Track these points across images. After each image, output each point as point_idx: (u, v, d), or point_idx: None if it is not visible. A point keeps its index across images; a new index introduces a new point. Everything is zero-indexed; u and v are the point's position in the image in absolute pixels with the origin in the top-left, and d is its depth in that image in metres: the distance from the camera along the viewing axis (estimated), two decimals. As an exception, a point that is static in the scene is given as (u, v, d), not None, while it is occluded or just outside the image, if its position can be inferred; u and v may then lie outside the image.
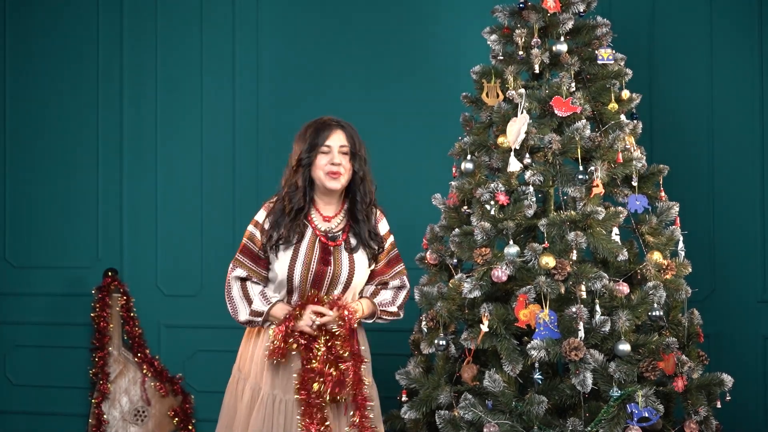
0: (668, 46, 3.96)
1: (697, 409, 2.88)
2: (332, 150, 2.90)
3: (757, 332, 3.85)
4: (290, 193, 2.91)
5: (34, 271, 4.53)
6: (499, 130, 3.14)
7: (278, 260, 2.90)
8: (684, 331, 3.05)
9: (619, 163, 3.07)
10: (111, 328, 4.32)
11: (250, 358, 2.96)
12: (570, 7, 3.23)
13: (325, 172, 2.89)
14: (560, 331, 2.84)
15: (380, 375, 3.42)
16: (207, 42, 4.41)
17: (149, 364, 4.32)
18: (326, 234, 2.91)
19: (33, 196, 4.55)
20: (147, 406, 4.31)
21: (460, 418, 2.92)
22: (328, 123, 2.95)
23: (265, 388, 2.88)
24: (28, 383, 4.52)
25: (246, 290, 2.93)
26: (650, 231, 3.10)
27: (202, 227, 4.36)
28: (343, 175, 2.90)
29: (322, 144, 2.89)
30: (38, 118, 4.55)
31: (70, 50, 4.52)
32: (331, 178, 2.89)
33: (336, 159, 2.89)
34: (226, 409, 2.99)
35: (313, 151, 2.89)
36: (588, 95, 3.19)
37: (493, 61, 3.29)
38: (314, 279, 2.89)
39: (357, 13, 4.25)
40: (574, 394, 2.87)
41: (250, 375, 2.94)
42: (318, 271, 2.88)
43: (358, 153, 2.94)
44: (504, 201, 2.99)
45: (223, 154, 4.37)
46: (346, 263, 2.91)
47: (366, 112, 4.20)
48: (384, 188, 4.12)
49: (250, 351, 2.96)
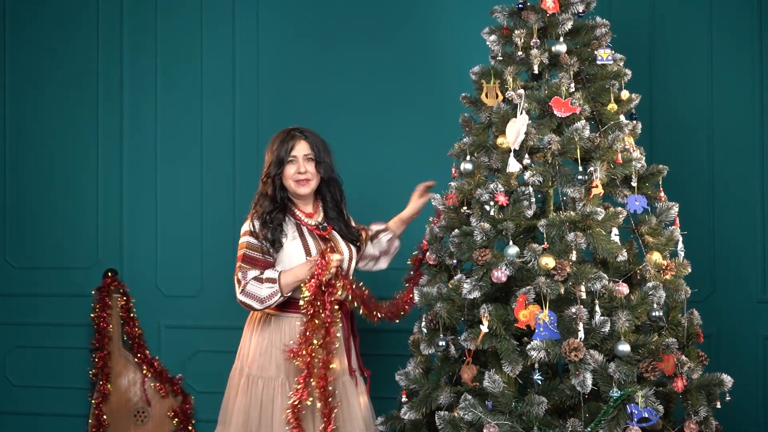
0: (668, 46, 3.96)
1: (697, 409, 2.88)
2: (297, 159, 3.21)
3: (757, 332, 3.85)
4: (260, 201, 3.21)
5: (34, 272, 4.53)
6: (498, 131, 3.14)
7: (291, 253, 3.15)
8: (684, 332, 3.04)
9: (618, 164, 3.06)
10: (111, 328, 4.32)
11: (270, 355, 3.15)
12: (569, 8, 3.23)
13: (294, 180, 3.20)
14: (560, 332, 2.84)
15: (380, 375, 3.43)
16: (207, 42, 4.41)
17: (149, 365, 4.32)
18: (316, 226, 3.23)
19: (33, 196, 4.55)
20: (147, 406, 4.31)
21: (459, 419, 2.92)
22: (291, 134, 3.25)
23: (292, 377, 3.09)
24: (28, 384, 4.52)
25: (258, 278, 3.13)
26: (650, 231, 3.10)
27: (202, 227, 4.37)
28: (310, 180, 3.22)
29: (287, 156, 3.20)
30: (38, 119, 4.56)
31: (70, 50, 4.52)
32: (299, 185, 3.21)
33: (302, 167, 3.20)
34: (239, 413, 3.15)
35: (281, 165, 3.20)
36: (587, 96, 3.19)
37: (492, 62, 3.29)
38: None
39: (356, 14, 4.25)
40: (573, 395, 2.86)
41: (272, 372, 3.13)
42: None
43: (322, 160, 3.24)
44: (503, 201, 2.99)
45: (223, 154, 4.37)
46: (344, 245, 3.26)
47: (366, 112, 4.21)
48: (384, 188, 4.15)
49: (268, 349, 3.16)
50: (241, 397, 3.15)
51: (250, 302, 3.11)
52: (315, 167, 3.22)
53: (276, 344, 3.15)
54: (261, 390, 3.13)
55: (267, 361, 3.15)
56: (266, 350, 3.16)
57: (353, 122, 4.21)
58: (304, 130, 3.26)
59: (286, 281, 3.09)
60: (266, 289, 3.10)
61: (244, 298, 3.12)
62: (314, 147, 3.23)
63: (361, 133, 4.20)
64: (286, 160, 3.19)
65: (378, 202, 4.14)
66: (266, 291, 3.10)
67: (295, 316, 3.14)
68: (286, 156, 3.19)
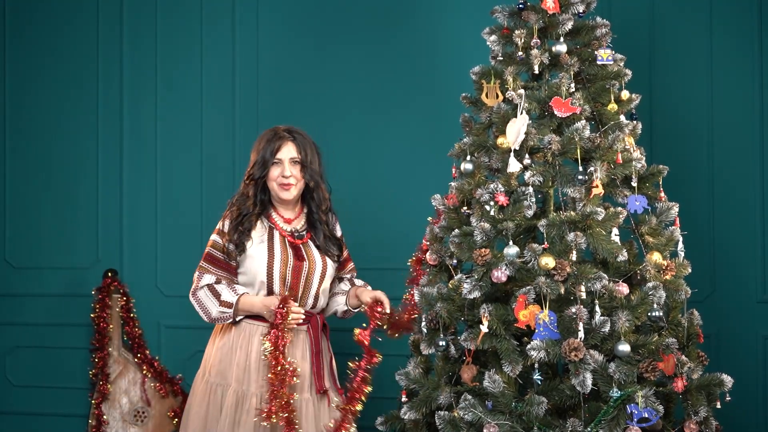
0: (668, 46, 3.96)
1: (697, 409, 2.88)
2: (283, 162, 3.05)
3: (757, 332, 3.85)
4: (240, 201, 3.07)
5: (34, 272, 4.53)
6: (498, 131, 3.14)
7: (253, 262, 3.02)
8: (684, 332, 3.04)
9: (618, 164, 3.06)
10: (111, 328, 4.32)
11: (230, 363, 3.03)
12: (569, 8, 3.23)
13: (278, 183, 3.05)
14: (560, 332, 2.84)
15: (380, 375, 3.42)
16: (207, 42, 4.41)
17: (149, 365, 4.32)
18: (292, 234, 3.09)
19: (33, 196, 4.55)
20: (147, 406, 4.31)
21: (459, 419, 2.92)
22: (279, 134, 3.08)
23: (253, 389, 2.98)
24: (28, 384, 4.52)
25: (214, 290, 3.04)
26: (650, 231, 3.10)
27: (202, 227, 4.36)
28: (294, 185, 3.06)
29: (272, 158, 3.04)
30: (38, 119, 4.56)
31: (70, 50, 4.52)
32: (282, 189, 3.06)
33: (287, 171, 3.04)
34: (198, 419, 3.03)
35: (265, 167, 3.04)
36: (587, 96, 3.19)
37: (492, 62, 3.29)
38: (293, 274, 3.03)
39: (357, 14, 4.25)
40: (573, 395, 2.86)
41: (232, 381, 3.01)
42: (295, 266, 3.03)
43: (309, 165, 3.07)
44: (504, 202, 2.99)
45: (223, 154, 4.37)
46: (318, 256, 3.10)
47: (366, 112, 4.21)
48: (384, 188, 4.15)
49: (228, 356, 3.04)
50: (201, 404, 3.04)
51: (199, 311, 3.06)
52: (300, 171, 3.07)
53: (236, 350, 3.04)
54: (219, 397, 3.01)
55: (227, 367, 3.03)
56: (226, 356, 3.05)
57: (353, 122, 4.21)
58: (293, 130, 3.11)
59: (242, 309, 3.01)
60: (218, 311, 3.01)
61: (194, 302, 3.06)
62: (302, 150, 3.07)
63: (361, 133, 4.20)
64: (270, 161, 3.04)
65: (378, 203, 4.15)
66: (217, 312, 3.02)
67: (255, 324, 3.03)
68: (271, 158, 3.04)
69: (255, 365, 3.00)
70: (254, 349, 3.01)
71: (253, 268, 3.03)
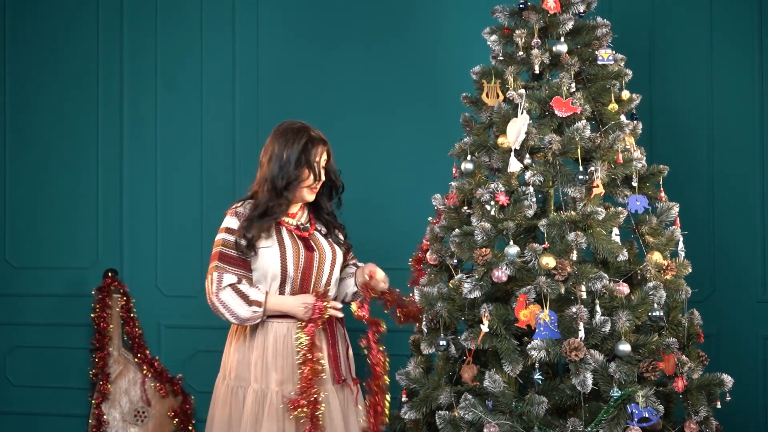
0: (668, 47, 3.96)
1: (697, 409, 2.88)
2: (318, 167, 3.03)
3: (757, 332, 3.85)
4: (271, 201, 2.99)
5: (34, 272, 4.54)
6: (499, 131, 3.14)
7: (265, 257, 3.00)
8: (684, 332, 3.04)
9: (619, 164, 3.06)
10: (111, 328, 4.32)
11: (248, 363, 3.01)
12: (570, 8, 3.23)
13: (310, 187, 3.04)
14: (560, 332, 2.84)
15: (380, 375, 3.41)
16: (207, 42, 4.41)
17: (149, 365, 4.32)
18: (297, 227, 3.07)
19: (33, 196, 4.55)
20: (147, 406, 4.31)
21: (460, 419, 2.92)
22: (316, 138, 3.04)
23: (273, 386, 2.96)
24: (28, 384, 4.52)
25: (238, 290, 2.99)
26: (650, 231, 3.10)
27: (202, 227, 4.36)
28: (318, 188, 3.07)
29: (313, 162, 3.00)
30: (38, 119, 4.56)
31: (70, 50, 4.52)
32: (311, 192, 3.05)
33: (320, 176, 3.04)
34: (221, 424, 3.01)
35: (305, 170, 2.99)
36: (588, 96, 3.19)
37: (493, 62, 3.29)
38: (305, 265, 3.02)
39: (357, 14, 4.25)
40: (574, 395, 2.86)
41: (250, 380, 2.99)
42: (307, 256, 3.03)
43: (333, 169, 3.10)
44: (504, 201, 2.99)
45: (223, 154, 4.37)
46: (326, 245, 3.10)
47: (366, 112, 4.21)
48: (384, 188, 4.15)
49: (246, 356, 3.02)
50: (223, 408, 3.01)
51: (226, 314, 2.96)
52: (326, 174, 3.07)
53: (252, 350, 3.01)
54: (241, 399, 2.99)
55: (245, 368, 3.01)
56: (243, 357, 3.02)
57: (353, 122, 4.21)
58: (320, 133, 3.07)
59: (271, 309, 2.98)
60: (250, 311, 2.96)
61: (219, 306, 2.96)
62: (331, 155, 3.09)
63: (361, 133, 4.20)
64: (312, 165, 3.00)
65: (378, 202, 4.15)
66: (249, 312, 2.96)
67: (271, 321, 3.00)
68: (313, 161, 2.99)
69: (272, 361, 2.98)
70: (270, 345, 3.00)
71: (265, 263, 3.00)
